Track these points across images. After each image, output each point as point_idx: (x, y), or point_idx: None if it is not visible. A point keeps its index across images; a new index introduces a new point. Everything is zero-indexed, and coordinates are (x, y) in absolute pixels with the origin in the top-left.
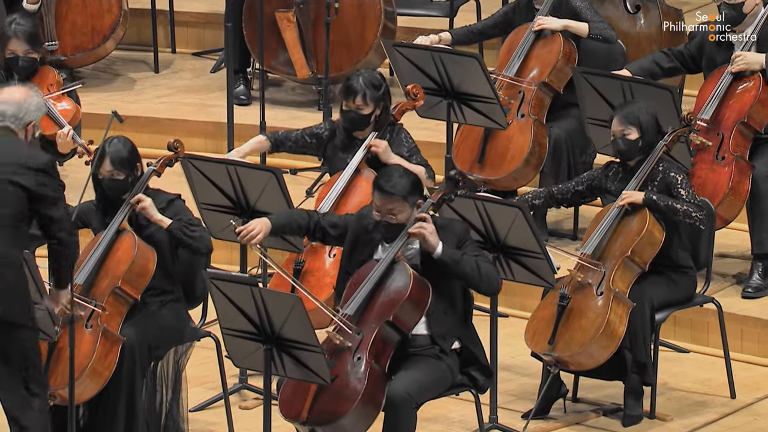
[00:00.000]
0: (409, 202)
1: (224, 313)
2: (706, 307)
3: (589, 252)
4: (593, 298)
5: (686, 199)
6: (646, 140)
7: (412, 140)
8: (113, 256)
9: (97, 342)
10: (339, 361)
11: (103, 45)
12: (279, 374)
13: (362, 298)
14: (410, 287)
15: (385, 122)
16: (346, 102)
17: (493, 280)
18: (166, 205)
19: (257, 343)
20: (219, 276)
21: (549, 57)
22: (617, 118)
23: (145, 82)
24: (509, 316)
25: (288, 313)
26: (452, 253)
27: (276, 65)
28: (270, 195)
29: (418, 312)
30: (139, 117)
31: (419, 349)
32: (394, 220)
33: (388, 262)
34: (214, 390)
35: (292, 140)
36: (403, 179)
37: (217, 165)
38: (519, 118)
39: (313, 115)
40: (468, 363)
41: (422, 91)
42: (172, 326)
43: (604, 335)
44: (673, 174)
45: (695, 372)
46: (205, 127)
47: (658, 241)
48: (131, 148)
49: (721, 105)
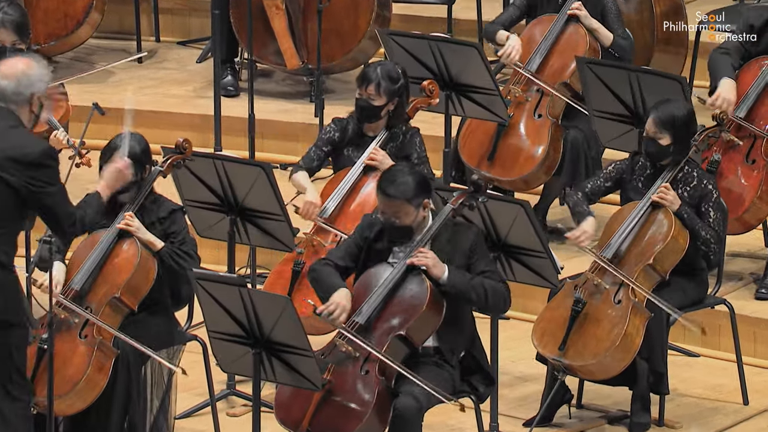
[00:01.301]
0: (414, 204)
1: (211, 316)
2: (718, 309)
3: (609, 255)
4: (610, 306)
5: (712, 225)
6: (678, 146)
7: (424, 148)
8: (113, 262)
9: (92, 355)
10: (343, 371)
11: (76, 31)
12: (269, 379)
13: (374, 307)
14: (427, 301)
15: (399, 120)
16: (359, 89)
17: (500, 302)
18: (166, 216)
19: (246, 347)
20: (206, 276)
21: (574, 55)
22: (652, 118)
23: (127, 73)
24: (510, 319)
25: (278, 315)
26: (458, 281)
27: (265, 55)
28: (259, 191)
29: (431, 327)
30: (121, 109)
31: (421, 358)
32: (398, 222)
33: (401, 271)
34: (200, 396)
35: (316, 160)
36: (408, 179)
37: (204, 160)
38: (536, 118)
39: (304, 107)
40: (470, 371)
41: (438, 88)
42: (164, 332)
43: (619, 348)
44: (711, 187)
45: (706, 377)
46: (191, 120)
47: (681, 249)
48: (144, 145)
49: (757, 102)
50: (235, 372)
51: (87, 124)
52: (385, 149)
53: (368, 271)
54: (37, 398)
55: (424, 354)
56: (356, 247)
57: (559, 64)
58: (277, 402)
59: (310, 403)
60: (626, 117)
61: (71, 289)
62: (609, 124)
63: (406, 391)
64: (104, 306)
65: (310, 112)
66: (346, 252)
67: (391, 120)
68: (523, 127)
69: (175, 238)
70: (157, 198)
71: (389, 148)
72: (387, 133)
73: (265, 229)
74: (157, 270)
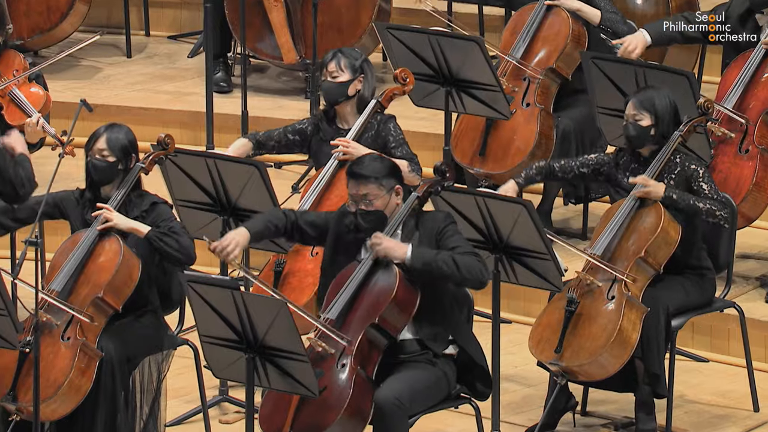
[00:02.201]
0: (385, 186)
1: (203, 319)
2: (727, 313)
3: (599, 253)
4: (604, 302)
5: (708, 194)
6: (659, 129)
7: (400, 131)
8: (95, 262)
9: (75, 357)
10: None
11: (60, 24)
12: (262, 385)
13: (345, 301)
14: (396, 287)
15: (367, 101)
16: (322, 75)
17: (475, 271)
18: (148, 208)
19: (239, 352)
20: (197, 279)
21: (557, 40)
22: (632, 101)
23: (116, 68)
24: (512, 322)
25: (272, 319)
26: (423, 256)
27: (260, 49)
28: (253, 191)
29: (405, 313)
30: (109, 106)
31: (410, 356)
32: (370, 206)
33: (370, 262)
34: (191, 403)
35: (274, 140)
36: (376, 162)
37: (196, 158)
38: (524, 107)
39: (300, 104)
40: (466, 370)
41: (412, 76)
42: (151, 336)
43: (615, 343)
44: (694, 166)
45: (715, 383)
46: (182, 117)
47: (673, 240)
48: (131, 136)
49: (746, 93)
50: (227, 378)
51: (74, 120)
52: (360, 140)
53: (341, 272)
54: (20, 404)
55: (411, 351)
56: (323, 224)
57: (544, 50)
58: (261, 414)
59: (290, 407)
60: None
61: (52, 291)
62: (615, 122)
63: (389, 383)
64: (87, 307)
65: (305, 108)
66: (314, 220)
67: (360, 102)
68: (512, 117)
69: (163, 224)
70: (142, 193)
71: (365, 139)
72: (362, 120)
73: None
74: (141, 269)
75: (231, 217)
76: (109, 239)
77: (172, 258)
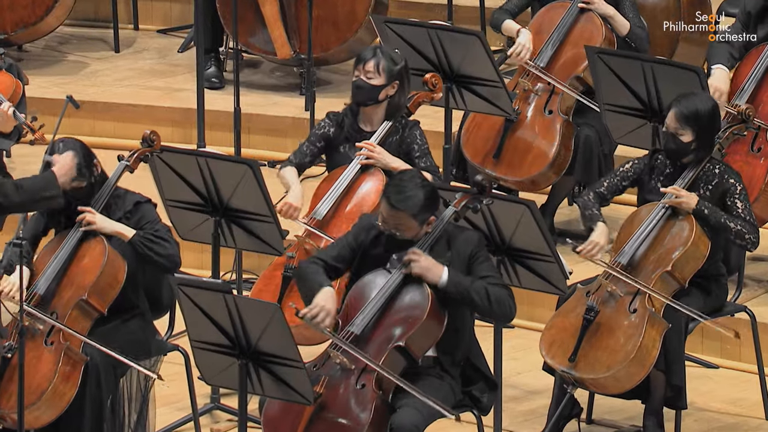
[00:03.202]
0: (418, 220)
1: (194, 324)
2: (738, 317)
3: (624, 262)
4: (625, 315)
5: (741, 215)
6: (701, 144)
7: (425, 140)
8: (79, 264)
9: (59, 362)
10: (337, 385)
11: (45, 18)
12: (256, 393)
13: (370, 318)
14: (428, 310)
15: (399, 109)
16: (357, 70)
17: (505, 307)
18: (132, 208)
19: (231, 358)
20: (188, 282)
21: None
22: (674, 111)
23: (104, 63)
24: (515, 327)
25: (266, 323)
26: (458, 283)
27: (253, 43)
28: (245, 190)
29: (432, 337)
30: (96, 102)
31: (420, 369)
32: (399, 235)
33: (401, 277)
34: (182, 411)
35: (308, 155)
36: (417, 193)
37: (186, 157)
38: (546, 114)
39: (294, 101)
40: (470, 380)
41: (441, 82)
42: (139, 340)
43: (635, 361)
44: (733, 181)
45: (726, 390)
46: (172, 114)
47: (702, 255)
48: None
49: (758, 89)
50: (219, 384)
51: (60, 118)
52: (384, 145)
53: (363, 279)
54: (3, 411)
55: (424, 365)
56: (349, 250)
57: (572, 56)
58: (265, 418)
59: (301, 420)
60: (639, 111)
61: (35, 293)
62: (621, 119)
63: (405, 407)
64: (71, 310)
65: (301, 105)
66: (339, 253)
67: (390, 109)
68: (532, 123)
69: (147, 226)
70: (124, 193)
71: (389, 143)
72: (387, 127)
73: (251, 231)
74: (127, 270)
75: (223, 217)
76: (94, 240)
77: (156, 263)
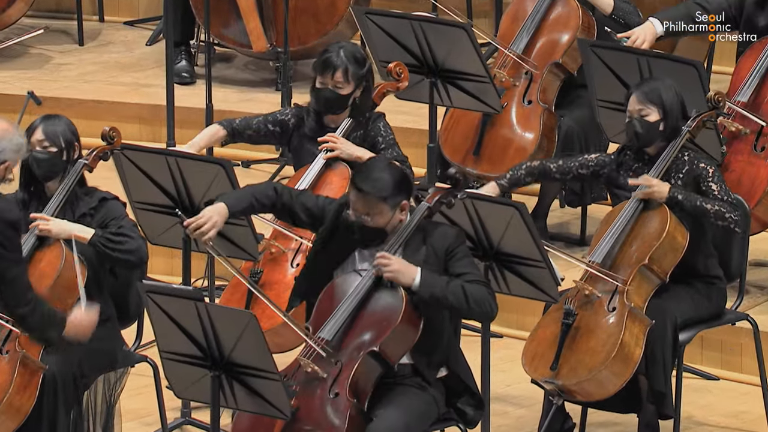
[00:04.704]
0: (389, 203)
1: (163, 334)
2: (739, 326)
3: (599, 260)
4: (604, 314)
5: (718, 195)
6: (668, 123)
7: (390, 131)
8: (36, 268)
9: (15, 372)
10: (310, 394)
11: (7, 10)
12: (229, 406)
13: (342, 322)
14: (402, 313)
15: (364, 108)
16: (322, 77)
17: (485, 306)
18: (96, 205)
19: (203, 369)
20: (157, 289)
21: (565, 32)
22: (635, 95)
23: (67, 57)
24: (504, 337)
25: (240, 333)
26: (432, 285)
27: (226, 35)
28: (217, 192)
29: (407, 342)
30: (59, 99)
31: (399, 378)
32: (370, 223)
33: (373, 279)
34: (151, 426)
35: (252, 129)
36: (385, 175)
37: (155, 156)
38: (525, 104)
39: (270, 97)
40: (455, 393)
41: (407, 71)
42: (102, 350)
43: (617, 359)
44: (703, 165)
45: (726, 403)
46: (140, 111)
47: (680, 246)
48: (70, 125)
49: (762, 85)
50: (190, 398)
51: (21, 114)
52: (348, 139)
53: (333, 282)
54: None
55: (401, 374)
56: (319, 212)
57: (549, 42)
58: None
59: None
60: None
61: None
62: (616, 116)
63: (383, 415)
64: None
65: (276, 101)
66: (311, 207)
67: (356, 108)
68: (511, 115)
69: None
70: (89, 190)
71: (353, 138)
72: (351, 122)
73: (224, 235)
74: (88, 274)
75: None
76: (50, 243)
77: (120, 262)
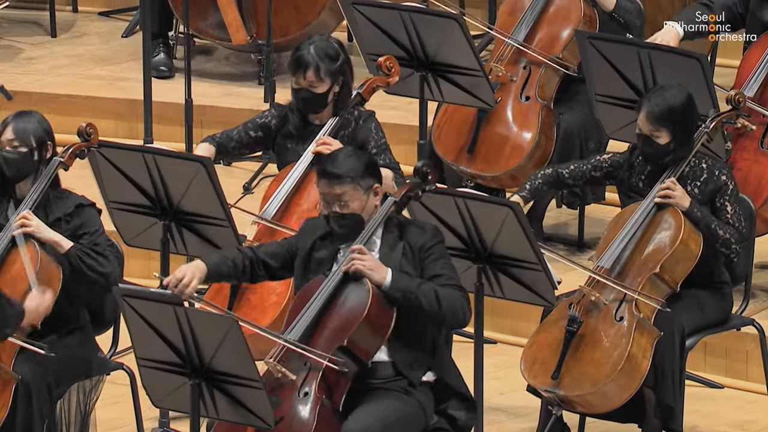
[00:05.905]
0: (362, 186)
1: (141, 340)
2: (745, 331)
3: (607, 266)
4: (611, 324)
5: (731, 222)
6: (678, 143)
7: (382, 134)
8: (8, 272)
9: None
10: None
11: None
12: (210, 416)
13: (309, 320)
14: (368, 305)
15: (346, 102)
16: (295, 78)
17: (457, 310)
18: (72, 211)
19: (182, 377)
20: (134, 293)
21: (565, 25)
22: (645, 111)
23: (39, 49)
24: (498, 343)
25: (221, 339)
26: (403, 286)
27: (205, 28)
28: (198, 191)
29: (379, 335)
30: (31, 93)
31: (382, 381)
32: (346, 209)
33: (340, 275)
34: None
35: (234, 140)
36: (352, 159)
37: (132, 153)
38: (523, 101)
39: (252, 91)
40: (443, 399)
41: (398, 65)
42: (76, 357)
43: (623, 373)
44: (725, 178)
45: (731, 412)
46: (116, 106)
47: (694, 255)
48: (43, 122)
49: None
50: (169, 407)
51: None
52: (335, 138)
53: (304, 286)
54: None
55: (383, 375)
56: (286, 249)
57: (549, 35)
58: None
59: None
60: (635, 102)
61: None
62: (615, 111)
63: (357, 412)
64: None
65: (259, 96)
66: (274, 249)
67: (339, 104)
68: (507, 111)
69: (86, 237)
70: (63, 193)
71: (340, 137)
72: (336, 120)
73: (204, 235)
74: (62, 279)
75: (173, 221)
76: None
77: (90, 282)
